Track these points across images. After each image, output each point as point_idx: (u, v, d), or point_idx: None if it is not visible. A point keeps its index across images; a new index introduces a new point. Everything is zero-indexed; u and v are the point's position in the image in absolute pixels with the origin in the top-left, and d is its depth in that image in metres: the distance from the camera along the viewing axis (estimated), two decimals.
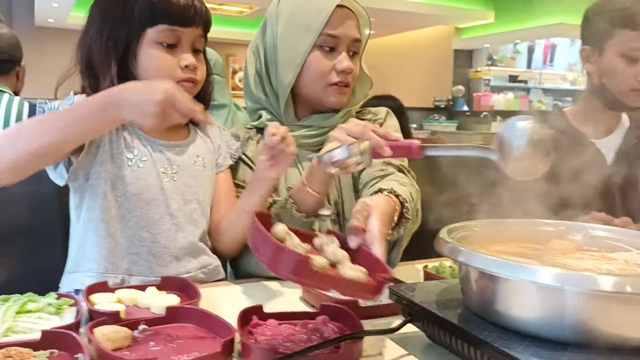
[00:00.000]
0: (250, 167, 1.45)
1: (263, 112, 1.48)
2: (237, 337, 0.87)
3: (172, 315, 0.95)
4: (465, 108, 9.16)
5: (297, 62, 1.39)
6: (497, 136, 0.89)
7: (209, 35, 1.38)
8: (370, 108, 1.58)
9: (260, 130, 1.49)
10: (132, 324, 0.91)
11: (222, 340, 0.83)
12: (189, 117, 1.12)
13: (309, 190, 1.17)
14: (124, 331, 0.87)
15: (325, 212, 1.22)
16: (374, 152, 0.99)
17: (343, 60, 1.37)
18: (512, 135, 0.87)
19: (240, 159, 1.46)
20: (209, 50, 2.68)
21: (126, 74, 1.29)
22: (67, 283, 1.28)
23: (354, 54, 1.41)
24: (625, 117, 1.78)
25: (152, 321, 0.94)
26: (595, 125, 1.74)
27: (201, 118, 1.12)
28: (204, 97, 1.40)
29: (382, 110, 1.57)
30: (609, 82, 1.66)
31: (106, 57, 1.27)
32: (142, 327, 0.91)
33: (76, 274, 1.28)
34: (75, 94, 1.29)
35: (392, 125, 1.52)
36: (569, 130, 1.75)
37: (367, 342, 0.88)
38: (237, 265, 1.44)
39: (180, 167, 1.33)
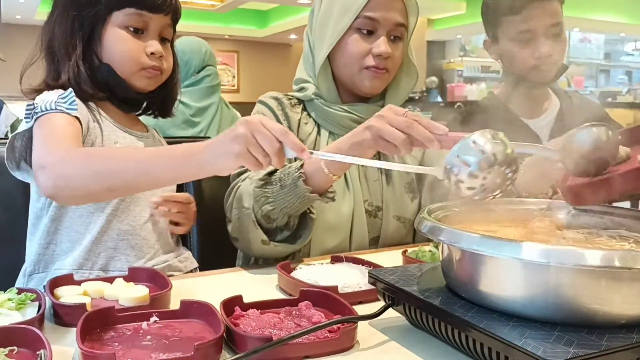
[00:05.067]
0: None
1: (309, 86, 1.43)
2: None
3: (185, 309, 0.90)
4: (439, 99, 9.20)
5: (330, 42, 1.36)
6: (566, 138, 0.89)
7: (181, 29, 1.35)
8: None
9: (301, 101, 1.46)
10: (144, 315, 0.87)
11: (195, 343, 0.75)
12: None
13: (326, 170, 1.10)
14: None
15: (332, 191, 1.17)
16: (418, 143, 0.96)
17: (380, 44, 1.33)
18: (579, 140, 0.86)
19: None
20: (199, 40, 2.65)
21: (90, 57, 1.24)
22: (34, 286, 1.21)
23: (395, 39, 1.37)
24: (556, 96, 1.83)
25: (165, 314, 0.89)
26: (524, 105, 1.80)
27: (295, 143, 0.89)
28: (170, 88, 1.36)
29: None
30: (511, 66, 1.75)
31: (71, 39, 1.22)
32: (153, 319, 0.87)
33: (44, 274, 1.22)
34: (38, 89, 1.23)
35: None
36: (503, 112, 1.80)
37: None
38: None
39: None
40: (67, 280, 1.03)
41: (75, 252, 1.21)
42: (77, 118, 1.16)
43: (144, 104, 1.36)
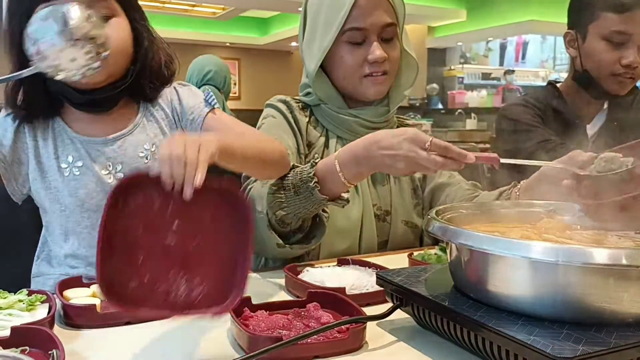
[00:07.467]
0: (299, 135, 1.41)
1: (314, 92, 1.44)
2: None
3: None
4: (440, 106, 9.21)
5: (319, 57, 1.36)
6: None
7: (184, 37, 1.29)
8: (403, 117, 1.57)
9: (308, 105, 1.47)
10: None
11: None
12: None
13: (343, 179, 1.10)
14: None
15: (345, 195, 1.16)
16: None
17: (374, 51, 1.33)
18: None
19: (290, 127, 1.40)
20: (209, 58, 2.43)
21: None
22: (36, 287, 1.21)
23: (388, 40, 1.37)
24: (606, 105, 1.75)
25: None
26: (582, 107, 1.72)
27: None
28: (143, 69, 1.20)
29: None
30: (591, 67, 1.63)
31: (9, 37, 1.13)
32: None
33: (40, 278, 1.24)
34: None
35: None
36: (565, 110, 1.71)
37: None
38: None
39: (125, 163, 1.19)
40: (76, 282, 1.03)
41: (66, 267, 1.21)
42: None
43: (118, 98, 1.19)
